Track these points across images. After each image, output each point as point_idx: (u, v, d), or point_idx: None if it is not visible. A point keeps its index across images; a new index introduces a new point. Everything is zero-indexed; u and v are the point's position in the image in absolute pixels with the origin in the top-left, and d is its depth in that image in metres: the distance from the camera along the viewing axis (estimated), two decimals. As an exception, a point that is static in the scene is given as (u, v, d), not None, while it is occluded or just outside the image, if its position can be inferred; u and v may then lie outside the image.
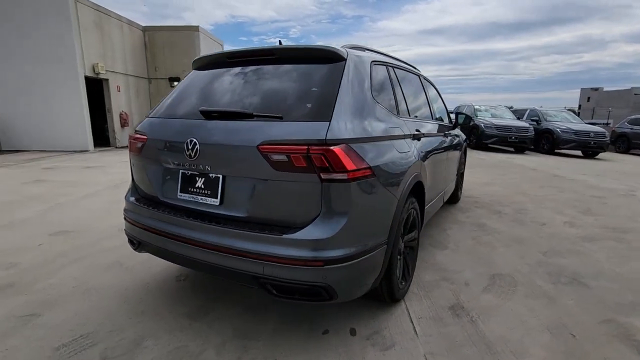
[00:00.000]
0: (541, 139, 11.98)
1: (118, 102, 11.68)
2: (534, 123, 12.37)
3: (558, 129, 11.53)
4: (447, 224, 3.79)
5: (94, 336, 1.88)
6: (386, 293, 2.03)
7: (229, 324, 2.00)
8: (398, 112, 2.26)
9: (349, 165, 1.54)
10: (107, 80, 11.08)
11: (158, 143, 1.90)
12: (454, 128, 3.96)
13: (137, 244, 2.06)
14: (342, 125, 1.60)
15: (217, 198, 1.73)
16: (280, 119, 1.61)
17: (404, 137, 2.14)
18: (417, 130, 2.40)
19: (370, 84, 1.96)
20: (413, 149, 2.21)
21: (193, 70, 2.26)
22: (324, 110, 1.61)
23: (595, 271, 2.72)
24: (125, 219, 2.12)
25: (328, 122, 1.56)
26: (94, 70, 10.43)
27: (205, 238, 1.69)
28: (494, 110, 13.11)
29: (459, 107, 14.18)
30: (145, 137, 1.96)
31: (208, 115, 1.76)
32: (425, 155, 2.52)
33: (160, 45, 13.49)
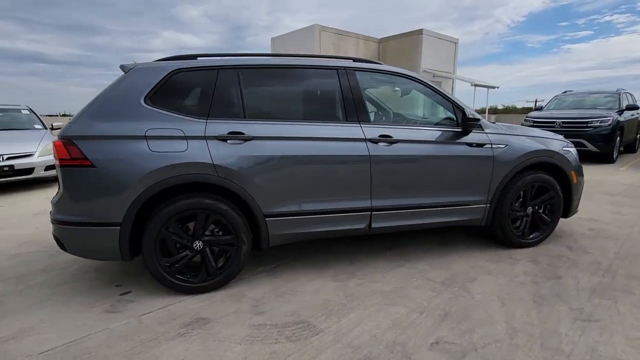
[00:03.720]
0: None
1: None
2: None
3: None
4: (415, 264, 2.78)
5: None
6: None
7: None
8: (208, 115, 2.31)
9: (61, 154, 2.12)
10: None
11: None
12: (464, 133, 2.75)
13: None
14: (78, 126, 2.17)
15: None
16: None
17: (185, 137, 2.22)
18: (234, 132, 2.29)
19: (151, 92, 2.26)
20: (199, 148, 2.21)
21: None
22: (77, 114, 2.23)
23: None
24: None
25: (70, 124, 2.19)
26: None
27: None
28: (584, 98, 9.11)
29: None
30: None
31: None
32: (261, 160, 2.32)
33: (390, 54, 14.84)
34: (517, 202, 3.03)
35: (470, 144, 2.76)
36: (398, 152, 2.59)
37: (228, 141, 2.30)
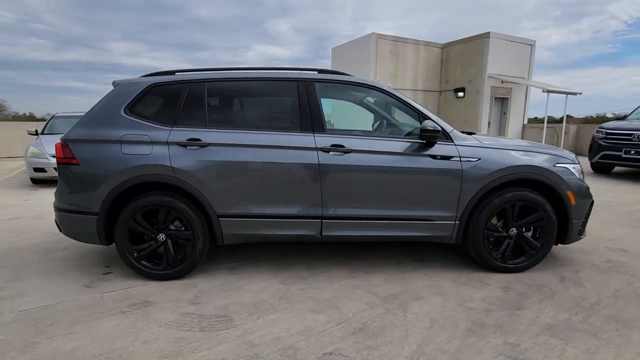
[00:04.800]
0: None
1: (401, 114, 13.86)
2: None
3: None
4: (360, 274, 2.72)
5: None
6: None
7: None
8: (174, 123, 2.63)
9: (59, 154, 2.62)
10: (393, 96, 13.52)
11: None
12: (428, 145, 2.63)
13: None
14: (74, 131, 2.65)
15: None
16: None
17: (152, 142, 2.55)
18: (192, 139, 2.56)
19: (130, 103, 2.66)
20: (161, 152, 2.52)
21: None
22: (77, 122, 2.72)
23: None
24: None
25: (70, 130, 2.69)
26: (381, 90, 13.17)
27: None
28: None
29: None
30: None
31: None
32: (215, 164, 2.56)
33: (453, 59, 14.09)
34: (500, 221, 2.77)
35: (434, 157, 2.62)
36: (350, 162, 2.59)
37: (187, 147, 2.58)
